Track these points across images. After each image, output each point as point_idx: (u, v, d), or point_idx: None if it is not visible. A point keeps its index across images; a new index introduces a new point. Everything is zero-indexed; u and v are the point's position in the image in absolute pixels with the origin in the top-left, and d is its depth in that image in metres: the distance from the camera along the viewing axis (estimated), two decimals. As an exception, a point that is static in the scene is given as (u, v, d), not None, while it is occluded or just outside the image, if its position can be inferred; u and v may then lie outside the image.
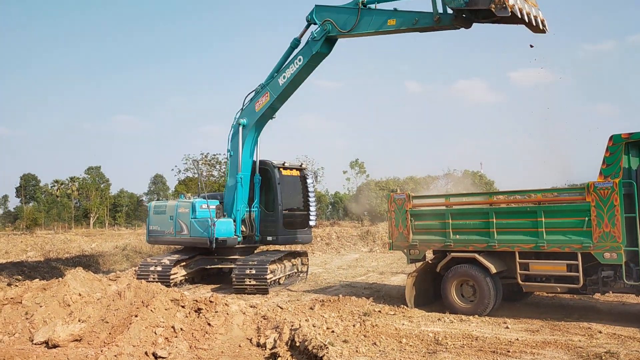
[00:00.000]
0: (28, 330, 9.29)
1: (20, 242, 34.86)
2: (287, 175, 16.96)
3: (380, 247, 29.96)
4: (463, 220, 11.42)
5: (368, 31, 13.56)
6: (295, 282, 16.83)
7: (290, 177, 17.07)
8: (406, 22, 12.75)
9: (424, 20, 12.40)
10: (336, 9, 14.21)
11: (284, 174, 16.83)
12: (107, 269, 21.60)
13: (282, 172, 16.75)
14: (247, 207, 16.33)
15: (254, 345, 8.74)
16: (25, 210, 78.71)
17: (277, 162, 16.78)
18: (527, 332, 9.35)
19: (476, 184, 64.46)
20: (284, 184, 16.64)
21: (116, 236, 43.40)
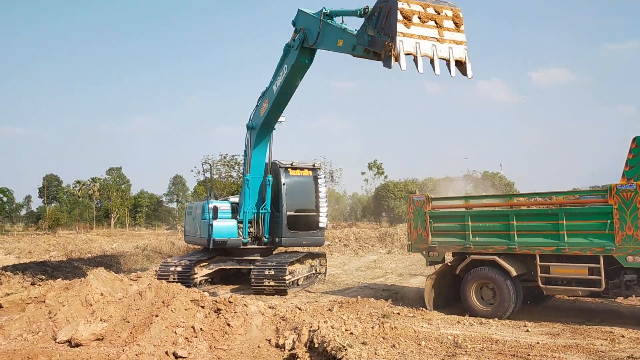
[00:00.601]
0: (51, 329, 9.44)
1: (43, 242, 35.47)
2: (296, 176, 16.60)
3: (398, 248, 29.85)
4: (483, 222, 11.33)
5: (328, 49, 12.38)
6: (313, 283, 16.85)
7: (299, 177, 16.67)
8: (347, 46, 11.44)
9: (358, 48, 10.89)
10: (310, 17, 12.77)
11: (292, 174, 16.51)
12: (128, 269, 21.84)
13: (289, 172, 16.47)
14: (254, 208, 16.34)
15: (272, 346, 8.78)
16: (47, 210, 79.99)
17: (285, 163, 16.54)
18: (547, 335, 9.25)
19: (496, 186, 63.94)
20: (291, 184, 16.36)
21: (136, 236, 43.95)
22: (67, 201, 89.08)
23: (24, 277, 15.40)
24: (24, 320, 9.82)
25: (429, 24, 8.40)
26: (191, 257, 16.41)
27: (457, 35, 8.56)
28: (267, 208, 16.38)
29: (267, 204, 16.37)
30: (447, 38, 8.58)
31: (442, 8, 8.31)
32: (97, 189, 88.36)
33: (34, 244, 34.47)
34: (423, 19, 8.10)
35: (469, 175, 69.47)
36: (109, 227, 78.71)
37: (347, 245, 31.24)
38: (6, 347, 8.63)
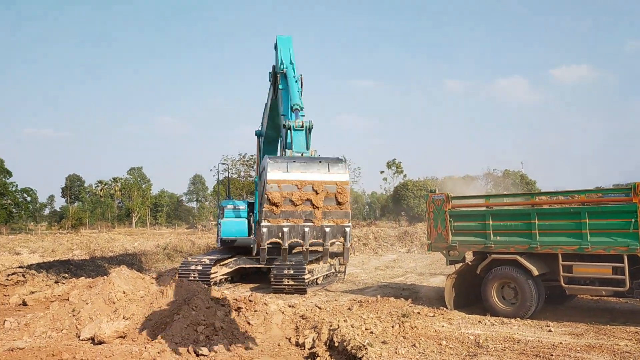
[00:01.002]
0: (75, 326, 9.57)
1: (66, 241, 36.05)
2: None
3: (418, 247, 29.73)
4: (504, 221, 11.21)
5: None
6: (333, 282, 16.86)
7: None
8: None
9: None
10: (278, 51, 11.23)
11: None
12: (149, 268, 22.08)
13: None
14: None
15: (292, 345, 8.81)
16: (70, 210, 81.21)
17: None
18: (570, 335, 9.13)
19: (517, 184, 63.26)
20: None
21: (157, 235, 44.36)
22: (89, 201, 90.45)
23: (48, 275, 15.64)
24: (49, 317, 9.97)
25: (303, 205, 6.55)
26: (211, 256, 16.53)
27: (338, 214, 6.57)
28: None
29: None
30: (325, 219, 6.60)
31: (323, 183, 6.39)
32: (118, 188, 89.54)
33: (58, 243, 35.05)
34: (296, 201, 6.36)
35: (489, 173, 68.94)
36: (130, 226, 79.65)
37: (366, 244, 31.19)
38: (31, 344, 8.77)
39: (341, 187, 6.42)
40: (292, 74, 10.25)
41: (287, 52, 11.06)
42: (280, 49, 11.18)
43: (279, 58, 10.94)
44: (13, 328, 10.01)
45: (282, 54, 11.00)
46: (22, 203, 75.14)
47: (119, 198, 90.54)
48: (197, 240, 33.59)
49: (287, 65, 10.56)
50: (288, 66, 10.54)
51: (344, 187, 6.43)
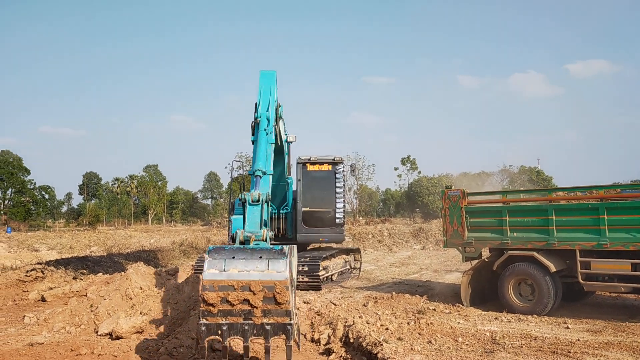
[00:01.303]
0: (93, 322, 9.68)
1: (84, 238, 36.47)
2: (314, 171, 16.18)
3: (433, 244, 29.63)
4: (521, 217, 11.12)
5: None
6: (347, 279, 16.86)
7: (317, 172, 16.21)
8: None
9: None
10: (258, 93, 10.55)
11: (310, 169, 16.16)
12: (165, 264, 22.26)
13: (307, 167, 16.16)
14: (274, 208, 16.27)
15: (308, 340, 8.83)
16: (87, 207, 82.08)
17: (304, 157, 16.26)
18: (588, 332, 9.04)
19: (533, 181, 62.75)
20: (308, 180, 16.09)
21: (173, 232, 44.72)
22: (106, 198, 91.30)
23: (66, 271, 15.82)
24: (67, 313, 10.10)
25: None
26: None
27: (278, 312, 6.30)
28: (289, 208, 16.38)
29: (289, 204, 16.39)
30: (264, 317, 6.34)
31: (261, 284, 6.18)
32: (134, 186, 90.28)
33: (75, 240, 35.48)
34: (233, 301, 6.17)
35: (505, 170, 68.51)
36: (146, 223, 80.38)
37: (380, 241, 31.16)
38: (50, 339, 8.89)
39: (280, 287, 6.17)
40: (264, 126, 9.48)
41: (267, 94, 10.20)
42: (261, 89, 10.34)
43: (257, 102, 10.17)
44: (32, 323, 10.17)
45: (262, 96, 10.13)
46: (40, 200, 76.21)
47: (135, 195, 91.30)
48: (212, 237, 33.80)
49: (262, 114, 9.70)
50: (262, 115, 9.69)
51: (283, 287, 6.18)
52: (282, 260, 6.26)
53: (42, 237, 38.70)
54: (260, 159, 8.63)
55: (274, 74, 10.73)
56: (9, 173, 70.69)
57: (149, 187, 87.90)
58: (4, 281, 14.47)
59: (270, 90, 10.28)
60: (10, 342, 8.86)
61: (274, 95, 10.26)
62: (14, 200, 71.69)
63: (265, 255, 6.29)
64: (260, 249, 6.43)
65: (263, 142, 9.06)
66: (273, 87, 10.38)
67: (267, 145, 9.09)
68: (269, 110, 9.76)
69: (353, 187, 68.29)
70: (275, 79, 10.72)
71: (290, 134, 15.90)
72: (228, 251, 6.38)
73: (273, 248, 6.43)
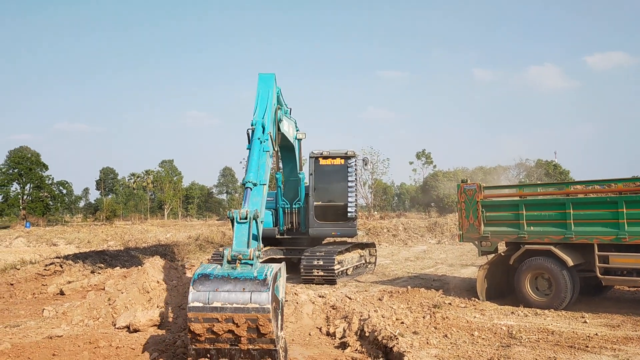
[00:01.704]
0: (111, 315, 9.78)
1: (101, 233, 36.87)
2: (326, 165, 16.21)
3: (448, 238, 29.51)
4: (538, 211, 11.02)
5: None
6: (362, 273, 16.86)
7: (330, 166, 16.22)
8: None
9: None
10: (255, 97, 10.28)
11: (323, 163, 16.20)
12: (181, 258, 22.42)
13: (320, 162, 16.19)
14: (287, 203, 16.45)
15: (323, 334, 8.84)
16: (104, 202, 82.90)
17: (317, 152, 16.31)
18: (607, 327, 8.94)
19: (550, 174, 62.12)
20: (320, 174, 16.13)
21: (189, 227, 45.01)
22: (122, 193, 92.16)
23: (84, 265, 16.00)
24: (85, 306, 10.21)
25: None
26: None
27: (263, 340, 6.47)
28: (301, 203, 16.42)
29: (301, 199, 16.42)
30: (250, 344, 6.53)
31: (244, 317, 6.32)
32: (150, 181, 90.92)
33: (93, 234, 35.88)
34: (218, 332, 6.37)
35: (521, 163, 67.88)
36: (162, 218, 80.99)
37: (395, 235, 31.08)
38: (69, 332, 9.00)
39: (262, 320, 6.22)
40: (258, 134, 9.15)
41: (265, 100, 9.87)
42: (258, 94, 10.03)
43: (254, 107, 9.84)
44: (51, 316, 10.30)
45: (259, 102, 9.82)
46: (58, 196, 77.07)
47: (151, 190, 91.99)
48: (227, 231, 33.96)
49: (257, 122, 9.38)
50: (257, 122, 9.37)
51: (265, 320, 6.21)
52: (264, 293, 6.29)
53: (60, 232, 39.17)
54: (252, 169, 8.44)
55: (273, 77, 10.50)
56: (27, 169, 71.57)
57: (164, 182, 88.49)
58: (23, 275, 14.68)
59: (267, 95, 10.04)
60: (30, 334, 8.99)
61: (272, 100, 10.03)
62: (32, 196, 72.60)
63: (248, 287, 6.34)
64: (244, 279, 6.46)
65: (256, 151, 8.86)
66: (271, 92, 10.15)
67: (261, 154, 8.90)
68: (264, 117, 9.50)
69: (368, 182, 68.13)
70: (275, 82, 10.52)
71: (301, 131, 15.91)
72: (212, 282, 6.44)
73: (257, 277, 6.42)
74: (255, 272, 6.50)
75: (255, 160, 8.63)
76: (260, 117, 9.49)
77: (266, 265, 6.72)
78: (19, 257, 19.09)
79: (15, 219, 66.62)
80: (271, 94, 10.09)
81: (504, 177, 66.30)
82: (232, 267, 6.62)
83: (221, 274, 6.53)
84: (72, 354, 7.69)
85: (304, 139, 16.22)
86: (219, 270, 6.58)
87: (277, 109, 10.66)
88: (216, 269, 6.61)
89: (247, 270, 6.57)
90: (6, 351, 7.67)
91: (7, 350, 7.72)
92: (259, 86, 10.23)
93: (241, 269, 6.61)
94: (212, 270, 6.60)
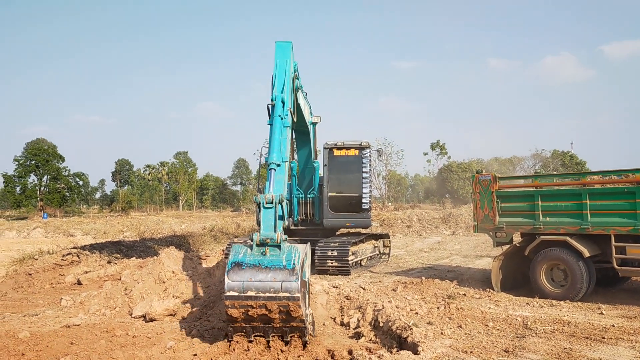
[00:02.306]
0: (127, 304, 9.90)
1: (117, 223, 37.26)
2: (341, 156, 16.12)
3: (463, 230, 29.37)
4: (554, 202, 10.91)
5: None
6: (376, 264, 16.85)
7: (344, 157, 16.13)
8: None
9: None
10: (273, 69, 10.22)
11: (337, 154, 16.11)
12: (196, 249, 22.57)
13: (334, 153, 16.10)
14: (302, 193, 16.43)
15: (337, 324, 8.86)
16: (120, 193, 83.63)
17: (331, 143, 16.22)
18: (623, 318, 8.85)
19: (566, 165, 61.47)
20: (334, 165, 16.06)
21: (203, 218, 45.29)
22: (138, 184, 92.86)
23: (100, 256, 16.17)
24: (102, 296, 10.34)
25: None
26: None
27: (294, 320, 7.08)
28: (316, 192, 16.40)
29: (315, 188, 16.41)
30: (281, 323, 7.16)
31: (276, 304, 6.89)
32: (165, 172, 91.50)
33: (109, 225, 36.30)
34: (253, 315, 7.01)
35: (537, 154, 67.26)
36: (177, 209, 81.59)
37: (409, 226, 31.00)
38: (86, 321, 9.13)
39: (293, 306, 6.85)
40: (279, 111, 9.10)
41: (282, 71, 9.73)
42: (276, 65, 9.86)
43: (272, 79, 9.74)
44: (69, 306, 10.45)
45: (277, 74, 9.69)
46: (74, 187, 77.87)
47: (166, 182, 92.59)
48: (242, 222, 34.18)
49: (277, 97, 9.31)
50: (277, 97, 9.30)
51: (296, 306, 6.84)
52: (294, 283, 6.84)
53: (77, 223, 39.67)
54: (275, 149, 8.60)
55: (290, 45, 10.38)
56: (44, 160, 72.35)
57: (179, 174, 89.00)
58: (41, 265, 14.88)
59: (285, 66, 9.96)
60: (48, 323, 9.13)
61: (289, 70, 9.96)
62: (49, 187, 73.43)
63: (279, 277, 6.91)
64: (274, 268, 7.01)
65: (278, 128, 8.98)
66: (288, 61, 10.06)
67: (282, 130, 9.01)
68: (283, 92, 9.48)
69: (382, 173, 67.95)
70: (292, 51, 10.37)
71: (315, 115, 15.85)
72: (245, 271, 7.02)
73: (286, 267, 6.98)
74: (284, 260, 7.05)
75: (277, 139, 8.79)
76: (279, 91, 9.55)
77: (293, 250, 7.20)
78: (37, 247, 19.33)
79: (33, 210, 67.48)
80: (289, 64, 10.09)
81: (519, 168, 65.83)
82: (262, 252, 7.16)
83: (253, 263, 7.09)
84: (89, 342, 7.80)
85: (319, 122, 16.18)
86: (250, 258, 7.13)
87: (295, 77, 10.64)
88: (247, 256, 7.15)
89: (276, 259, 7.10)
90: (25, 339, 7.80)
91: (26, 338, 7.85)
92: (276, 56, 10.18)
93: (270, 254, 7.15)
94: (244, 257, 7.16)
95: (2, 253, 22.41)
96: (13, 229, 38.37)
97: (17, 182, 71.38)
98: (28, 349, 7.41)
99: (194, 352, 7.27)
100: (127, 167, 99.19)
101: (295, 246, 7.31)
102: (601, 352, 6.99)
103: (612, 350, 7.08)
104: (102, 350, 7.34)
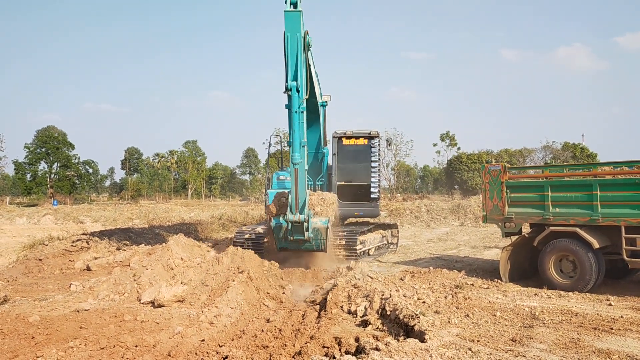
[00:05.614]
0: (136, 290, 9.97)
1: (127, 211, 37.42)
2: (349, 145, 16.05)
3: (472, 221, 29.25)
4: (564, 192, 10.84)
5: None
6: (385, 253, 16.85)
7: (353, 146, 16.07)
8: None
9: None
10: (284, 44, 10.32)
11: (346, 143, 16.03)
12: (205, 237, 22.67)
13: (343, 141, 16.02)
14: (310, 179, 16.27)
15: (344, 312, 8.86)
16: (129, 181, 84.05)
17: (340, 131, 16.14)
18: (632, 310, 8.80)
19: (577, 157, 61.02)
20: (343, 154, 15.99)
21: (212, 207, 45.37)
22: (147, 173, 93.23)
23: (110, 242, 16.29)
24: (111, 282, 10.42)
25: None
26: (264, 225, 16.78)
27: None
28: (324, 179, 16.35)
29: (324, 175, 16.37)
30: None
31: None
32: (174, 161, 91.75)
33: (118, 213, 36.47)
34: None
35: (547, 146, 66.76)
36: (186, 198, 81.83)
37: (418, 217, 30.94)
38: (95, 306, 9.21)
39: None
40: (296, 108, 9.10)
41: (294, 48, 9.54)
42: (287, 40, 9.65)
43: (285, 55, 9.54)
44: (78, 291, 10.54)
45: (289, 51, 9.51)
46: (84, 175, 78.41)
47: (175, 170, 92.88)
48: (250, 211, 34.24)
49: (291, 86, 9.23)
50: (292, 87, 9.21)
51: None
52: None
53: (86, 210, 39.90)
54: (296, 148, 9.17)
55: (299, 16, 10.08)
56: (54, 148, 72.84)
57: (188, 163, 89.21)
58: (51, 251, 15.01)
59: (296, 41, 9.78)
60: (58, 308, 9.22)
61: (300, 45, 9.76)
62: (59, 174, 73.93)
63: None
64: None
65: (297, 124, 9.26)
66: (299, 36, 9.85)
67: (300, 116, 9.11)
68: (297, 80, 9.42)
69: (391, 164, 67.74)
70: (302, 23, 10.11)
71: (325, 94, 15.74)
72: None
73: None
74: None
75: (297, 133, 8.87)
76: (292, 78, 9.53)
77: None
78: (47, 233, 19.50)
79: (43, 197, 68.03)
80: (299, 38, 9.91)
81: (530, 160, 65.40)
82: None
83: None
84: (98, 327, 7.87)
85: (329, 101, 16.05)
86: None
87: (305, 33, 10.45)
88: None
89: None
90: (35, 323, 7.88)
91: (36, 322, 7.94)
92: (286, 27, 9.95)
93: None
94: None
95: (13, 239, 22.64)
96: (23, 215, 38.69)
97: (27, 169, 72.02)
98: (38, 332, 7.50)
99: (201, 338, 7.32)
100: (137, 155, 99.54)
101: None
102: (609, 343, 6.96)
103: (620, 341, 7.05)
104: (111, 335, 7.41)
